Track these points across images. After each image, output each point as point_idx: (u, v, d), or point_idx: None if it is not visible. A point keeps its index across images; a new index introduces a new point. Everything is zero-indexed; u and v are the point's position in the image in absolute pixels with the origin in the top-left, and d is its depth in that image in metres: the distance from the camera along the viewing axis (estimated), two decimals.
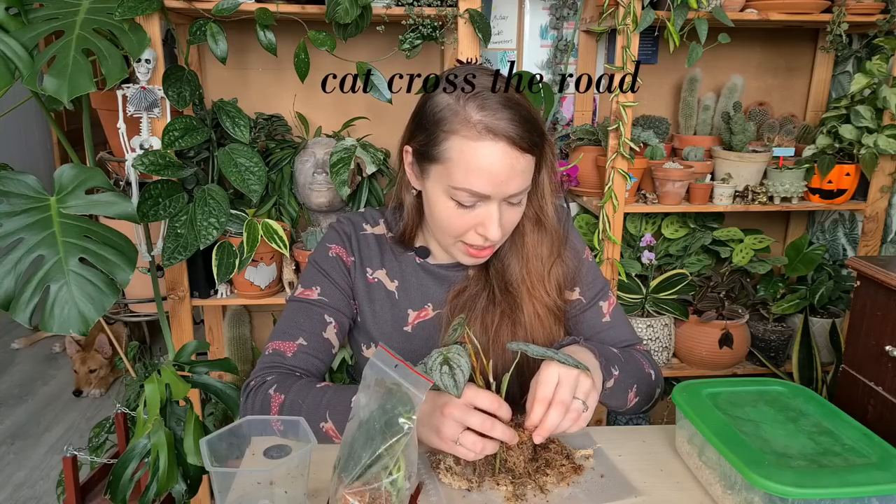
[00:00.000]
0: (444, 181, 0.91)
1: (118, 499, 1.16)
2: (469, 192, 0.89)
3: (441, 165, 0.91)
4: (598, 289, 1.11)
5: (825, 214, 2.19)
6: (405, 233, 1.05)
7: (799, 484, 0.71)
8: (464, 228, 0.94)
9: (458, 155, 0.88)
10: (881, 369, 1.35)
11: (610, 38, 2.05)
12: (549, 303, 1.03)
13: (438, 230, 0.98)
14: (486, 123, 0.86)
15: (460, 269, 1.07)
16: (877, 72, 1.77)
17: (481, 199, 0.90)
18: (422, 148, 0.93)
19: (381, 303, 1.06)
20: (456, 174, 0.89)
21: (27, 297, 1.21)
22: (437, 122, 0.90)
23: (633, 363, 1.03)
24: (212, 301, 1.79)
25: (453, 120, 0.88)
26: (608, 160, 1.79)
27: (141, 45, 1.47)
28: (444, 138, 0.89)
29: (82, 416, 2.72)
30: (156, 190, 1.55)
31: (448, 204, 0.92)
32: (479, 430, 0.78)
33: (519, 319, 1.02)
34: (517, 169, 0.89)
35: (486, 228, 0.92)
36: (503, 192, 0.89)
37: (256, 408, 0.95)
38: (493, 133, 0.86)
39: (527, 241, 1.02)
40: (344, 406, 0.89)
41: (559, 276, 1.05)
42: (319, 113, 2.00)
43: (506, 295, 1.02)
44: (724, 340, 1.93)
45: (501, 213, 0.92)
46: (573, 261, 1.08)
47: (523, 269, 1.02)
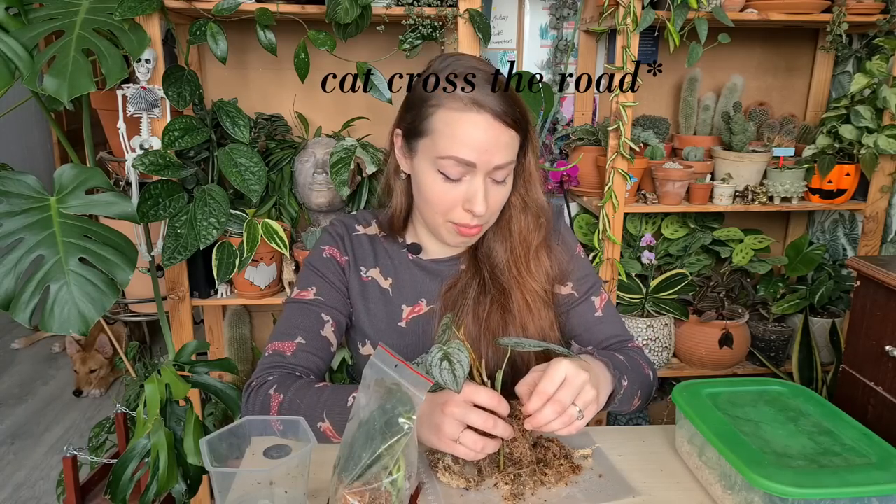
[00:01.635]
0: (432, 153, 0.94)
1: (118, 499, 1.16)
2: (455, 159, 0.92)
3: (428, 138, 0.94)
4: (590, 284, 1.11)
5: (825, 214, 2.19)
6: (393, 217, 1.07)
7: (799, 484, 0.72)
8: (451, 204, 0.95)
9: (444, 125, 0.92)
10: (881, 369, 1.35)
11: (610, 38, 2.05)
12: (536, 288, 1.04)
13: (427, 209, 1.00)
14: (472, 97, 0.91)
15: (452, 264, 1.08)
16: (877, 72, 1.77)
17: (467, 168, 0.93)
18: (410, 126, 0.97)
19: (375, 301, 1.08)
20: (441, 143, 0.92)
21: (27, 297, 1.21)
22: (425, 99, 0.94)
23: (637, 369, 1.03)
24: (212, 301, 1.79)
25: (441, 95, 0.93)
26: (608, 160, 1.79)
27: (141, 45, 1.47)
28: (431, 112, 0.93)
29: (82, 416, 2.72)
30: (156, 190, 1.55)
31: (436, 178, 0.95)
32: (482, 428, 0.78)
33: (509, 307, 1.03)
34: (501, 141, 0.92)
35: (472, 203, 0.94)
36: (488, 161, 0.92)
37: (257, 408, 0.96)
38: (479, 105, 0.91)
39: (513, 226, 1.04)
40: (341, 406, 0.90)
41: (546, 265, 1.06)
42: (319, 113, 2.00)
43: (495, 281, 1.04)
44: (724, 340, 1.93)
45: (487, 189, 0.94)
46: (565, 255, 1.09)
47: (508, 254, 1.04)
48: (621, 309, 1.94)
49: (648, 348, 1.94)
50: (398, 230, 1.09)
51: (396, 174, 1.04)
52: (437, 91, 0.93)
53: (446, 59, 0.97)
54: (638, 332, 1.93)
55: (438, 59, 0.98)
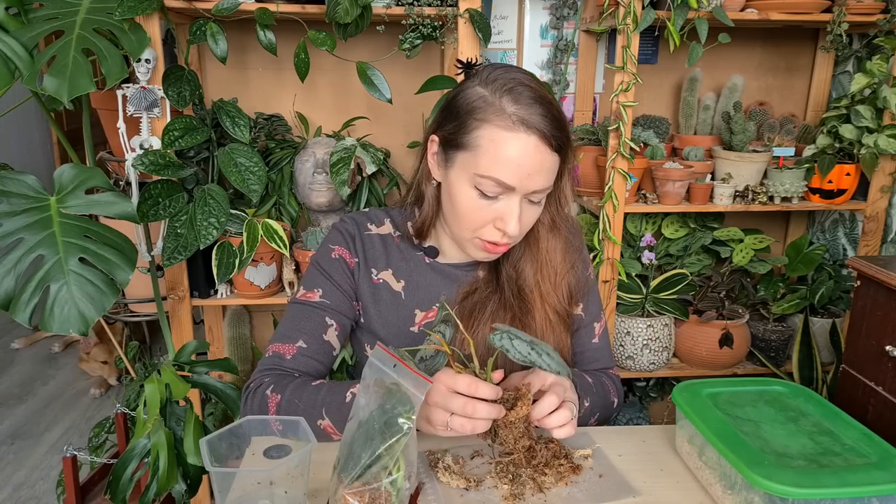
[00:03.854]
0: (471, 169, 0.91)
1: (118, 499, 1.16)
2: (495, 181, 0.89)
3: (469, 153, 0.91)
4: (596, 309, 1.13)
5: (825, 214, 2.19)
6: (424, 224, 1.04)
7: (799, 484, 0.71)
8: (482, 221, 0.94)
9: (488, 143, 0.89)
10: (881, 369, 1.35)
11: (610, 37, 2.05)
12: (560, 309, 1.04)
13: (456, 223, 0.97)
14: (521, 116, 0.87)
15: (470, 269, 1.07)
16: (877, 72, 1.77)
17: (505, 190, 0.90)
18: (450, 136, 0.93)
19: (386, 304, 1.06)
20: (483, 161, 0.89)
21: (27, 296, 1.21)
22: (470, 111, 0.91)
23: (602, 393, 1.06)
24: (212, 301, 1.79)
25: (487, 109, 0.89)
26: (608, 160, 1.79)
27: (141, 45, 1.47)
28: (476, 126, 0.90)
29: (82, 416, 2.72)
30: (156, 190, 1.55)
31: (470, 193, 0.92)
32: (462, 413, 0.79)
33: (529, 325, 1.02)
34: (545, 166, 0.90)
35: (504, 223, 0.92)
36: (527, 186, 0.90)
37: (255, 409, 0.96)
38: (527, 125, 0.87)
39: (541, 246, 1.03)
40: (339, 402, 0.90)
41: (572, 285, 1.06)
42: (319, 113, 2.00)
43: (518, 300, 1.02)
44: (725, 340, 1.93)
45: (522, 209, 0.92)
46: (583, 271, 1.09)
47: (537, 274, 1.03)
48: (621, 309, 1.95)
49: (649, 348, 1.94)
50: (425, 237, 1.07)
51: (428, 180, 1.01)
52: (483, 104, 0.89)
53: (495, 69, 0.93)
54: (638, 332, 1.93)
55: (485, 69, 0.94)
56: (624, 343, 1.96)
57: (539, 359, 0.82)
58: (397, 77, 1.86)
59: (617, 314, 1.94)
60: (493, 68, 0.94)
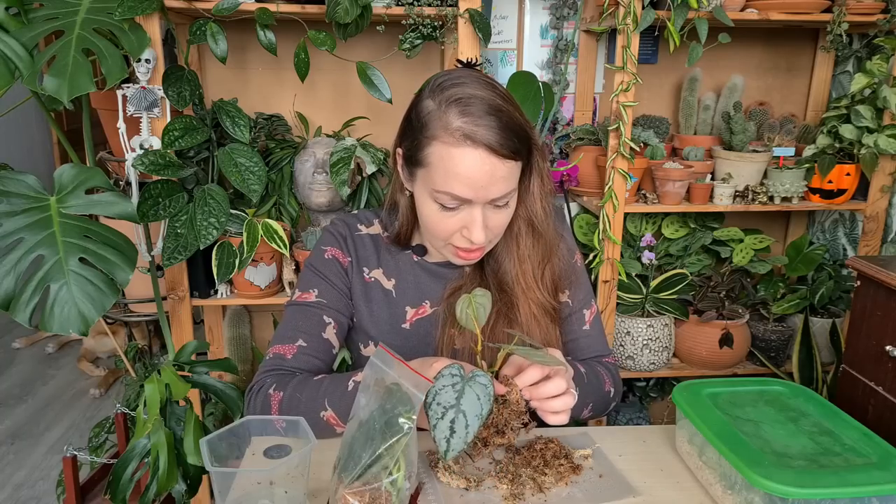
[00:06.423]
0: (429, 184, 0.92)
1: (118, 499, 1.16)
2: (450, 195, 0.90)
3: (424, 169, 0.92)
4: (584, 296, 1.12)
5: (825, 214, 2.19)
6: (401, 233, 1.07)
7: (799, 484, 0.72)
8: (449, 231, 0.95)
9: (438, 160, 0.90)
10: (881, 369, 1.35)
11: (610, 37, 2.05)
12: (544, 302, 1.04)
13: (427, 232, 1.00)
14: (465, 130, 0.87)
15: (457, 267, 1.08)
16: (877, 71, 1.77)
17: (463, 202, 0.91)
18: (408, 152, 0.95)
19: (378, 302, 1.07)
20: (437, 178, 0.90)
21: (27, 296, 1.21)
22: (421, 128, 0.92)
23: (595, 382, 1.04)
24: (212, 301, 1.79)
25: (435, 125, 0.89)
26: (608, 160, 1.79)
27: (141, 45, 1.47)
28: (426, 143, 0.91)
29: (82, 416, 2.72)
30: (156, 190, 1.55)
31: (433, 207, 0.94)
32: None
33: (515, 319, 1.03)
34: (497, 175, 0.89)
35: (470, 231, 0.93)
36: (484, 196, 0.90)
37: (258, 408, 0.96)
38: (472, 140, 0.87)
39: (520, 243, 1.03)
40: (342, 391, 0.90)
41: (554, 276, 1.06)
42: (319, 113, 2.00)
43: (501, 294, 1.03)
44: (725, 340, 1.93)
45: (486, 216, 0.93)
46: (567, 259, 1.10)
47: (516, 270, 1.03)
48: (621, 309, 1.95)
49: (649, 348, 1.94)
50: (404, 243, 1.08)
51: (401, 191, 1.03)
52: (431, 120, 0.90)
53: (447, 79, 0.92)
54: (638, 332, 1.93)
55: (437, 78, 0.94)
56: (624, 343, 1.96)
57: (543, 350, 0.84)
58: (397, 77, 1.86)
59: (617, 314, 1.94)
60: (446, 78, 0.93)
